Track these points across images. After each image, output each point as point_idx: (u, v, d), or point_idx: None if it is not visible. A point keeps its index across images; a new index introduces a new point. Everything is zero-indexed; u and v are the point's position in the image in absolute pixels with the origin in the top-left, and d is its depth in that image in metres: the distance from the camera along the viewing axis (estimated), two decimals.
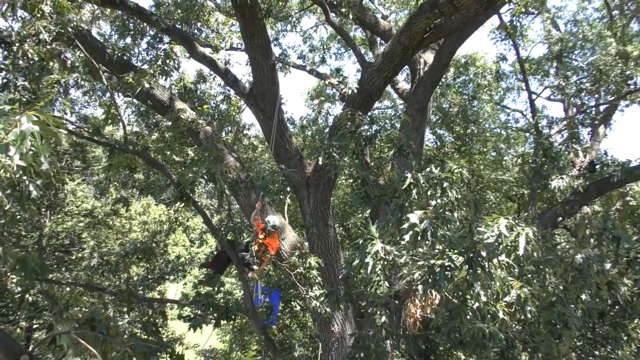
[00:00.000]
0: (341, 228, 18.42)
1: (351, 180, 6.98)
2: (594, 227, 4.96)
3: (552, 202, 14.55)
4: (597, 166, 11.87)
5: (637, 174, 10.23)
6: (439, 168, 5.58)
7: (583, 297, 6.26)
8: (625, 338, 7.71)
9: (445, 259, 4.11)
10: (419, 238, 4.11)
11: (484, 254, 4.00)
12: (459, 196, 5.34)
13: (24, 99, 6.12)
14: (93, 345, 3.91)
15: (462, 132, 18.60)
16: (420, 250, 4.80)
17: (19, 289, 6.00)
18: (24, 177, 3.43)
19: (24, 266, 3.79)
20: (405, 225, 4.21)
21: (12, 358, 3.54)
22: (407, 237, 4.15)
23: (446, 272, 4.03)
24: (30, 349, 3.63)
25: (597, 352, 9.08)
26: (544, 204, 15.83)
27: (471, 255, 3.98)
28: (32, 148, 2.87)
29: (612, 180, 10.54)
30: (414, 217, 4.29)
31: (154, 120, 11.52)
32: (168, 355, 4.02)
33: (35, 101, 5.82)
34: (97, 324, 3.95)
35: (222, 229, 8.31)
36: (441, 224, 4.30)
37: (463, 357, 20.46)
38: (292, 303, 15.90)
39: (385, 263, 4.37)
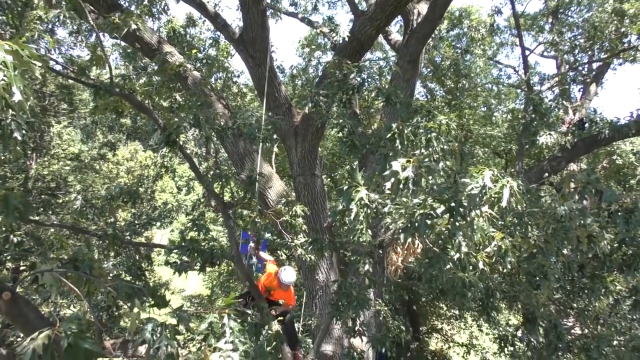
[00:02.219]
0: (329, 180, 18.50)
1: (338, 130, 6.93)
2: (578, 180, 4.98)
3: (539, 159, 14.65)
4: (586, 124, 11.90)
5: (624, 132, 10.25)
6: (424, 118, 5.55)
7: (565, 251, 6.37)
8: (603, 290, 7.90)
9: (427, 207, 4.11)
10: (401, 186, 4.11)
11: (465, 203, 4.01)
12: (445, 147, 5.34)
13: (6, 35, 5.97)
14: (76, 285, 3.92)
15: (453, 86, 18.53)
16: (404, 199, 4.80)
17: (3, 229, 5.98)
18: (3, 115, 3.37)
19: (5, 204, 3.76)
20: (387, 172, 4.20)
21: None
22: (388, 185, 4.14)
23: (427, 220, 4.04)
24: (11, 286, 3.64)
25: (574, 305, 9.33)
26: (531, 160, 15.93)
27: (452, 204, 3.99)
28: (4, 78, 2.77)
29: (599, 137, 10.57)
30: (397, 164, 4.27)
31: (142, 64, 11.33)
32: (151, 296, 4.04)
33: (16, 36, 5.67)
34: (81, 264, 3.95)
35: (209, 176, 8.27)
36: (425, 173, 4.30)
37: (445, 308, 21.03)
38: (278, 252, 16.09)
39: (369, 211, 4.37)
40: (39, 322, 3.67)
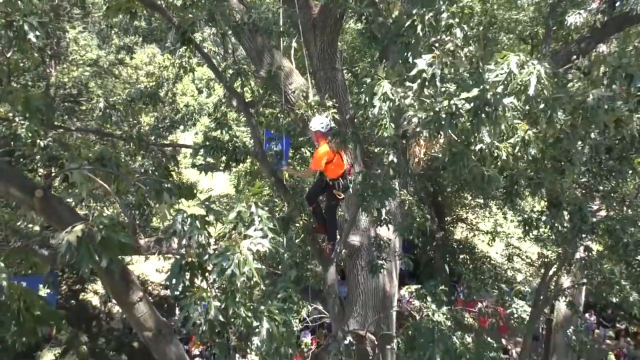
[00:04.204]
0: (349, 74, 18.19)
1: (357, 19, 6.70)
2: (608, 64, 4.79)
3: (567, 42, 14.12)
4: (617, 3, 11.31)
5: None
6: (446, 3, 5.32)
7: (592, 135, 6.27)
8: (630, 172, 7.85)
9: (451, 107, 4.01)
10: (427, 84, 4.01)
11: (491, 99, 3.88)
12: (469, 33, 5.15)
13: None
14: (106, 183, 4.01)
15: None
16: (427, 92, 4.70)
17: (29, 134, 6.06)
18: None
19: (28, 106, 3.79)
20: (414, 72, 4.08)
21: (27, 193, 3.65)
22: (415, 86, 4.04)
23: (451, 120, 3.95)
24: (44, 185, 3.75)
25: (600, 188, 9.31)
26: (558, 43, 15.37)
27: (478, 103, 3.87)
28: None
29: (631, 14, 10.06)
30: (422, 62, 4.15)
31: None
32: (179, 190, 4.14)
33: None
34: (108, 162, 4.03)
35: (228, 74, 8.16)
36: (448, 65, 4.18)
37: (470, 198, 21.26)
38: (302, 149, 16.16)
39: (392, 105, 4.30)
40: (72, 218, 3.80)
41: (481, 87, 3.94)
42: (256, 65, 9.61)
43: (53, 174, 4.42)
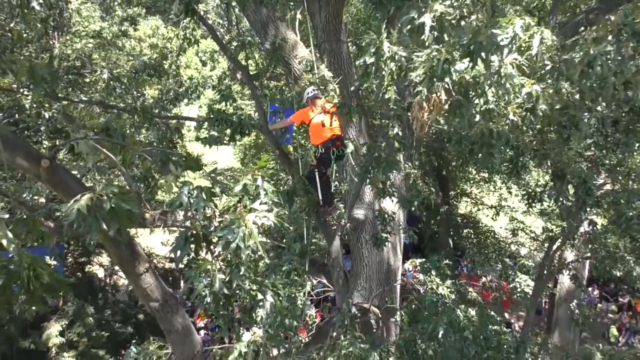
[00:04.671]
0: (354, 47, 18.04)
1: None
2: (614, 23, 4.70)
3: (575, 13, 13.96)
4: None
5: None
6: None
7: (598, 108, 6.20)
8: (637, 145, 7.78)
9: (446, 53, 3.94)
10: (425, 37, 3.93)
11: (487, 46, 3.83)
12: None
13: None
14: (111, 153, 4.00)
15: None
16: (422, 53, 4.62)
17: (34, 105, 6.06)
18: None
19: (32, 75, 3.77)
20: (415, 24, 4.01)
21: (32, 162, 3.65)
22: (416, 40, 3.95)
23: (444, 65, 3.89)
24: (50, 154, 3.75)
25: (606, 161, 9.27)
26: (566, 14, 15.19)
27: (472, 47, 3.82)
28: None
29: None
30: (428, 18, 4.07)
31: None
32: (185, 161, 4.13)
33: None
34: (113, 133, 4.02)
35: (231, 46, 8.11)
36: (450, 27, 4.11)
37: (474, 172, 21.22)
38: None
39: (393, 65, 4.24)
40: (79, 188, 3.80)
41: (476, 33, 3.89)
42: (261, 37, 9.52)
43: (59, 144, 4.41)
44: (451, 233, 21.58)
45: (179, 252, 3.69)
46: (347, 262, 11.33)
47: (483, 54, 3.85)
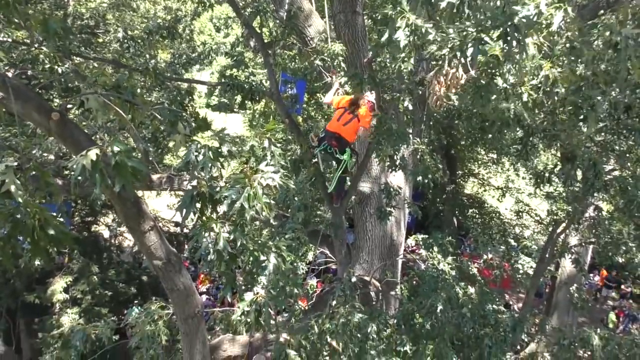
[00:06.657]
0: (369, 20, 17.84)
1: None
2: (635, 6, 4.64)
3: None
4: None
5: None
6: None
7: (613, 93, 6.14)
8: None
9: (480, 32, 3.91)
10: (455, 11, 3.89)
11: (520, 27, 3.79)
12: None
13: None
14: (122, 110, 4.01)
15: None
16: (451, 30, 4.58)
17: (47, 60, 6.07)
18: None
19: (46, 28, 3.77)
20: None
21: (43, 114, 3.67)
22: (444, 4, 3.89)
23: (479, 45, 3.85)
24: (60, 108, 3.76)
25: (616, 147, 9.20)
26: None
27: (507, 28, 3.77)
28: None
29: None
30: None
31: None
32: (193, 120, 4.14)
33: None
34: (124, 90, 4.02)
35: (246, 12, 8.05)
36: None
37: (483, 153, 21.15)
38: (318, 95, 16.02)
39: (415, 38, 4.20)
40: (88, 143, 3.82)
41: (510, 13, 3.83)
42: (276, 6, 9.45)
43: (69, 99, 4.43)
44: (456, 212, 21.60)
45: (184, 211, 3.72)
46: (350, 235, 11.41)
47: (519, 36, 3.79)
